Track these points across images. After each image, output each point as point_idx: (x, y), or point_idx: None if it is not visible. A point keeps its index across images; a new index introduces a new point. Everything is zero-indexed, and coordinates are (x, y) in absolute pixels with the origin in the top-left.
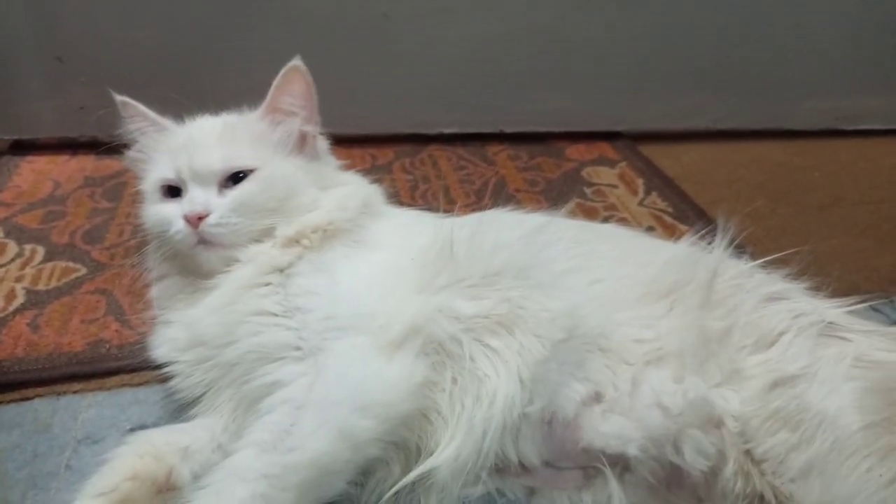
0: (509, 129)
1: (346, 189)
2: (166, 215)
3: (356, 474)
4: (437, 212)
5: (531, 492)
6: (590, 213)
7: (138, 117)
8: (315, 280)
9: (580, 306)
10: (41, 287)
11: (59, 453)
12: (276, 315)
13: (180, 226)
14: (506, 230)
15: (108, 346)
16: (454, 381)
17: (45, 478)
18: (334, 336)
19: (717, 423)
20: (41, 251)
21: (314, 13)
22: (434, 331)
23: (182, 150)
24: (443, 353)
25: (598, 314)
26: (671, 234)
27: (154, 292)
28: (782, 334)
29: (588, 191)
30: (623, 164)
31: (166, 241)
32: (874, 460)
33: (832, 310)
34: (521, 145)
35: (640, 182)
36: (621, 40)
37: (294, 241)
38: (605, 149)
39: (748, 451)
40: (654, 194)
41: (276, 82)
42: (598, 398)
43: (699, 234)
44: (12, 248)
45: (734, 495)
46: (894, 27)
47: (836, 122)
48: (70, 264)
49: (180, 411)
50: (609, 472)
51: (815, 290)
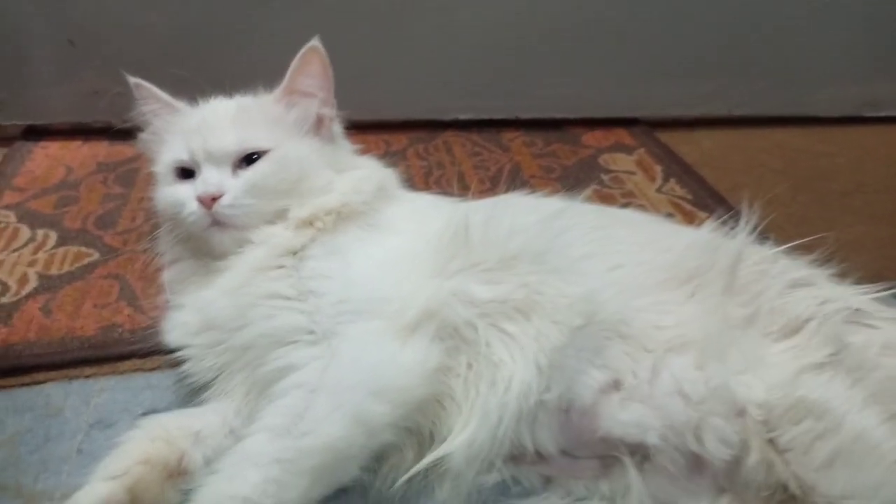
0: (525, 116)
1: (361, 172)
2: (179, 197)
3: (370, 460)
4: (452, 197)
5: (547, 480)
6: (607, 200)
7: (152, 99)
8: (328, 263)
9: (599, 292)
10: (54, 272)
11: (70, 437)
12: (289, 298)
13: (194, 207)
14: (522, 214)
15: (120, 331)
16: (469, 366)
17: (57, 461)
18: (348, 320)
19: (740, 412)
20: (54, 236)
21: None
22: (449, 315)
23: (196, 131)
24: (458, 338)
25: (617, 300)
26: (690, 221)
27: (166, 276)
28: (808, 321)
29: (605, 177)
30: (640, 150)
31: (179, 224)
32: None
33: (859, 296)
34: (536, 132)
35: (658, 169)
36: (638, 25)
37: (307, 223)
38: (622, 135)
39: (772, 440)
40: (672, 181)
41: (293, 64)
42: (616, 386)
43: (720, 221)
44: (25, 232)
45: (757, 485)
46: None
47: (859, 108)
48: (83, 249)
49: (192, 396)
50: (628, 460)
51: (840, 276)
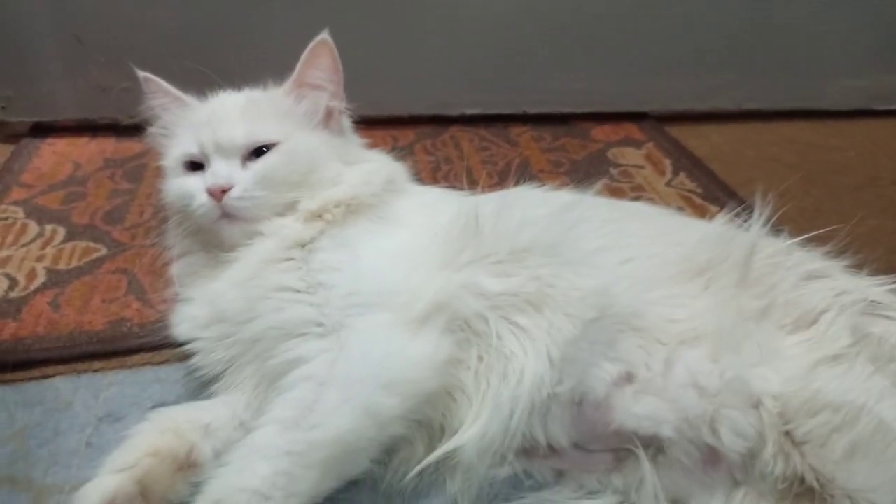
0: (532, 110)
1: (371, 165)
2: (189, 189)
3: (380, 453)
4: (461, 190)
5: (559, 474)
6: (616, 194)
7: (161, 93)
8: (337, 255)
9: (612, 285)
10: (62, 266)
11: (80, 431)
12: (298, 291)
13: (203, 199)
14: (532, 207)
15: (129, 325)
16: (480, 358)
17: (67, 455)
18: (357, 312)
19: (756, 404)
20: (62, 231)
21: None
22: (459, 308)
23: (205, 124)
24: (468, 331)
25: (630, 293)
26: (701, 214)
27: (175, 269)
28: (823, 313)
29: (614, 171)
30: (650, 144)
31: (188, 216)
32: None
33: (874, 288)
34: (544, 126)
35: (667, 162)
36: (646, 19)
37: (317, 215)
38: (631, 129)
39: (788, 433)
40: (682, 174)
41: (303, 57)
42: (629, 378)
43: (732, 214)
44: (33, 228)
45: (773, 477)
46: None
47: (870, 101)
48: (91, 244)
49: (201, 389)
50: (642, 453)
51: (854, 269)
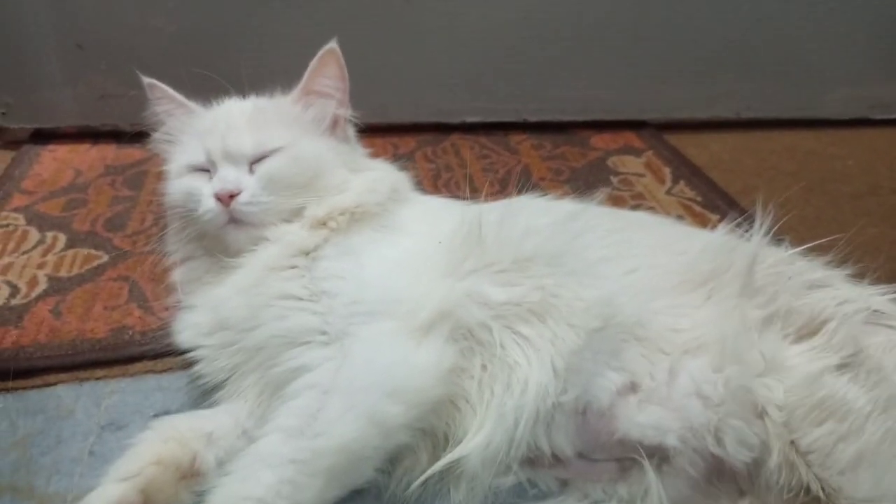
0: (532, 118)
1: (376, 174)
2: (194, 188)
3: (384, 462)
4: (463, 200)
5: (564, 483)
6: (617, 203)
7: (165, 100)
8: (341, 264)
9: (616, 295)
10: (63, 274)
11: (82, 439)
12: (302, 299)
13: (210, 205)
14: (536, 216)
15: (130, 333)
16: (484, 368)
17: (69, 463)
18: (361, 321)
19: (760, 413)
20: (63, 238)
21: None
22: (462, 316)
23: (212, 132)
24: (472, 340)
25: (634, 303)
26: (700, 223)
27: (177, 276)
28: (826, 322)
29: (614, 180)
30: (649, 152)
31: (192, 221)
32: None
33: (876, 297)
34: (544, 134)
35: (667, 171)
36: (646, 28)
37: (322, 222)
38: (631, 138)
39: (793, 442)
40: (681, 183)
41: (312, 65)
42: (633, 388)
43: (733, 223)
44: (34, 235)
45: (778, 487)
46: None
47: (870, 110)
48: (92, 251)
49: (204, 397)
50: (646, 463)
51: (856, 278)
